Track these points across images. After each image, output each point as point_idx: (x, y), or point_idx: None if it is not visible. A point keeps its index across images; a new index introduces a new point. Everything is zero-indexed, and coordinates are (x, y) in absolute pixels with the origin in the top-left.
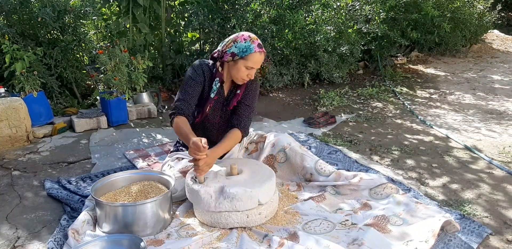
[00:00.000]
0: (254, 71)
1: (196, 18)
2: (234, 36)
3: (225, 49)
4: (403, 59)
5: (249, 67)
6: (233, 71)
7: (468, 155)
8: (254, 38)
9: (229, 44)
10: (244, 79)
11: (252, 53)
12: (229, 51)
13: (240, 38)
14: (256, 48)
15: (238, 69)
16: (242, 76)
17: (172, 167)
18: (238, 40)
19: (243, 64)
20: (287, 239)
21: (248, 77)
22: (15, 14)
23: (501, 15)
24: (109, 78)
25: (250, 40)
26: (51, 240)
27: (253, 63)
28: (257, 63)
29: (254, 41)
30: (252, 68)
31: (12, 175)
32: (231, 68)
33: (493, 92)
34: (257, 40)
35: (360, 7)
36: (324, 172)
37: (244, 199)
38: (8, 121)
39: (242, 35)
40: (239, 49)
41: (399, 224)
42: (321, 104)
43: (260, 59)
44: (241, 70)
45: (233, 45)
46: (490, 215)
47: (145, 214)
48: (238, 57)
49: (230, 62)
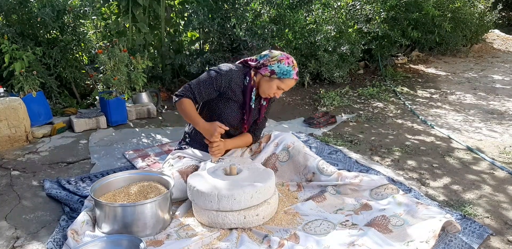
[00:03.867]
0: (281, 92)
1: (196, 17)
2: (279, 56)
3: (266, 64)
4: (403, 59)
5: (280, 88)
6: (265, 85)
7: (469, 155)
8: (295, 65)
9: (272, 61)
10: (269, 96)
11: (289, 78)
12: (270, 68)
13: (285, 60)
14: (295, 76)
15: (270, 86)
16: (270, 93)
17: (172, 165)
18: (282, 62)
19: (277, 84)
20: (287, 239)
21: (273, 95)
22: (14, 14)
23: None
24: (108, 78)
25: (293, 66)
26: (50, 240)
27: (285, 86)
28: (288, 87)
29: (295, 68)
30: (282, 90)
31: (11, 175)
32: (264, 82)
33: (494, 92)
34: (297, 68)
35: (360, 7)
36: (326, 171)
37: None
38: (7, 121)
39: (288, 58)
40: (280, 70)
41: (399, 224)
42: (322, 104)
43: (292, 85)
44: (272, 88)
45: (276, 64)
46: (491, 215)
47: (144, 215)
48: (276, 77)
49: (265, 77)
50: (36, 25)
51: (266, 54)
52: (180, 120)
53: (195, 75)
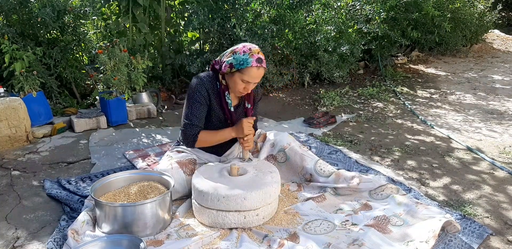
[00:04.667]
0: (252, 85)
1: (196, 17)
2: (235, 47)
3: (224, 60)
4: (403, 59)
5: (245, 81)
6: (230, 83)
7: (469, 155)
8: (255, 51)
9: (228, 55)
10: (241, 93)
11: (248, 67)
12: (228, 62)
13: (240, 50)
14: (254, 63)
15: (234, 81)
16: (239, 89)
17: (171, 157)
18: (237, 51)
19: (239, 77)
20: (287, 239)
21: (245, 91)
22: (15, 14)
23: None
24: (108, 78)
25: (250, 53)
26: (51, 240)
27: (249, 78)
28: (254, 78)
29: (254, 55)
30: (249, 83)
31: (12, 175)
32: (228, 80)
33: (493, 92)
34: (257, 54)
35: (360, 7)
36: (323, 173)
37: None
38: (7, 121)
39: (243, 47)
40: (237, 61)
41: (399, 224)
42: (322, 104)
43: (257, 74)
44: (237, 83)
45: (232, 56)
46: (490, 215)
47: (144, 214)
48: (235, 69)
49: (228, 74)
50: (36, 25)
51: (226, 51)
52: (180, 120)
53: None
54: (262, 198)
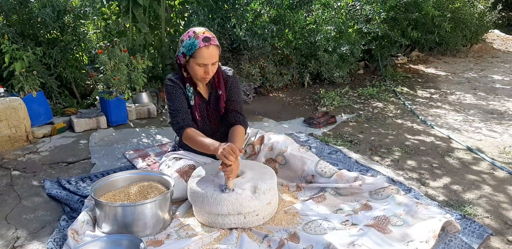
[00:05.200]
0: (210, 67)
1: (196, 17)
2: (181, 37)
3: (177, 53)
4: (403, 59)
5: (201, 64)
6: (191, 72)
7: (469, 155)
8: (199, 32)
9: (179, 46)
10: (205, 77)
11: (197, 49)
12: (179, 52)
13: (185, 36)
14: (201, 43)
15: (192, 68)
16: (200, 75)
17: (170, 166)
18: (184, 39)
19: (194, 62)
20: (287, 239)
21: (206, 74)
22: (15, 14)
23: (501, 15)
24: (108, 78)
25: (195, 36)
26: (51, 240)
27: (203, 60)
28: (208, 59)
29: (199, 36)
30: (206, 65)
31: (12, 175)
32: (189, 69)
33: (494, 92)
34: (203, 34)
35: (360, 7)
36: (325, 174)
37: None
38: (7, 121)
39: (187, 33)
40: (186, 48)
41: (399, 224)
42: (322, 104)
43: (208, 53)
44: (195, 69)
45: (181, 45)
46: (491, 215)
47: (144, 215)
48: (188, 56)
49: (186, 64)
50: (36, 25)
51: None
52: None
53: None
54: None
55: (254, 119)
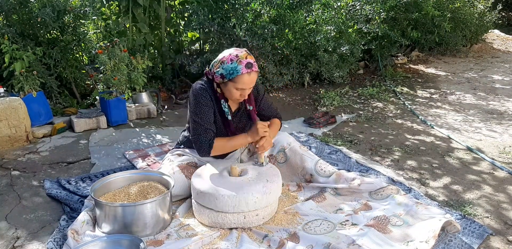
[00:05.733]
0: (247, 91)
1: (196, 17)
2: (221, 57)
3: (214, 70)
4: (403, 59)
5: (239, 89)
6: (226, 92)
7: (469, 155)
8: (242, 57)
9: (217, 65)
10: (239, 99)
11: (239, 75)
12: (218, 73)
13: (227, 58)
14: (244, 70)
15: (229, 90)
16: (235, 96)
17: (172, 161)
18: (225, 61)
19: (233, 86)
20: (287, 239)
21: (241, 97)
22: (15, 14)
23: (501, 15)
24: (108, 78)
25: (237, 61)
26: (51, 240)
27: (242, 85)
28: (247, 84)
29: (242, 61)
30: (244, 89)
31: (12, 175)
32: (224, 88)
33: (493, 92)
34: (245, 59)
35: (360, 7)
36: (324, 173)
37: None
38: (7, 121)
39: (230, 55)
40: (226, 71)
41: (399, 224)
42: (322, 104)
43: (249, 80)
44: (232, 92)
45: (220, 66)
46: (491, 215)
47: (144, 214)
48: (226, 79)
49: (222, 84)
50: (36, 25)
51: (214, 60)
52: (180, 120)
53: (195, 75)
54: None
55: None
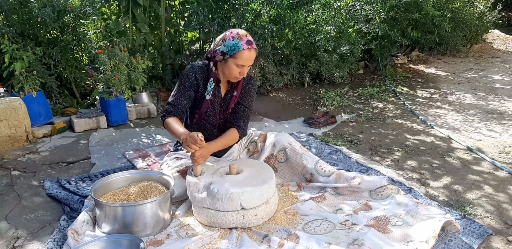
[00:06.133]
0: (246, 68)
1: (196, 17)
2: (223, 35)
3: (215, 48)
4: (403, 59)
5: (239, 65)
6: (225, 70)
7: (469, 155)
8: (243, 35)
9: (218, 43)
10: (237, 77)
11: (240, 50)
12: (219, 50)
13: (228, 36)
14: (245, 46)
15: (229, 67)
16: (235, 74)
17: (170, 165)
18: (226, 39)
19: (233, 62)
20: (287, 239)
21: (240, 75)
22: (15, 14)
23: (501, 15)
24: (108, 78)
25: (238, 38)
26: (51, 240)
27: (242, 61)
28: (247, 61)
29: (243, 38)
30: (243, 66)
31: (12, 175)
32: (223, 67)
33: (493, 92)
34: (246, 37)
35: (360, 7)
36: (324, 173)
37: (224, 200)
38: (7, 121)
39: (231, 33)
40: (228, 48)
41: (399, 224)
42: (322, 104)
43: (249, 56)
44: (232, 69)
45: (222, 43)
46: (491, 215)
47: (144, 214)
48: (228, 55)
49: (221, 62)
50: (36, 25)
51: (215, 40)
52: None
53: None
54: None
55: (254, 119)
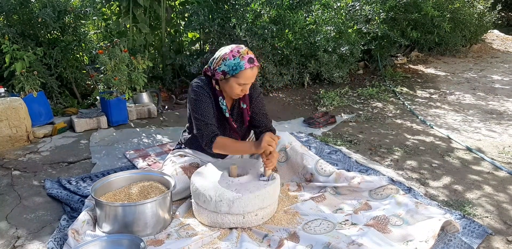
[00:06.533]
0: (248, 86)
1: (196, 18)
2: (223, 54)
3: (215, 67)
4: (403, 59)
5: (241, 84)
6: (226, 88)
7: (469, 155)
8: (243, 53)
9: (218, 62)
10: (239, 95)
11: (242, 70)
12: (219, 70)
13: (229, 55)
14: (247, 65)
15: (230, 86)
16: (236, 92)
17: (174, 162)
18: (226, 58)
19: (235, 81)
20: (287, 239)
21: (242, 93)
22: (15, 14)
23: (501, 15)
24: (109, 78)
25: (240, 56)
26: (51, 240)
27: (245, 80)
28: (250, 79)
29: (244, 56)
30: (246, 84)
31: (12, 175)
32: (224, 85)
33: (493, 92)
34: (247, 55)
35: (360, 7)
36: (324, 172)
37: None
38: (8, 121)
39: (231, 52)
40: (229, 67)
41: (399, 224)
42: (321, 104)
43: (252, 74)
44: (234, 87)
45: (222, 63)
46: (490, 215)
47: (145, 214)
48: (229, 75)
49: (222, 80)
50: (37, 25)
51: (214, 57)
52: (180, 120)
53: (195, 76)
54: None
55: None
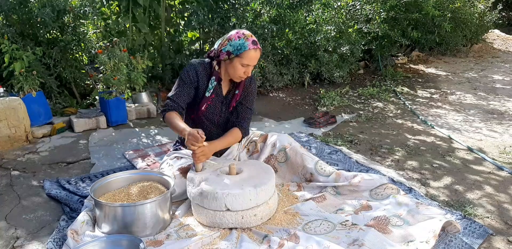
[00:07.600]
0: (250, 68)
1: (196, 17)
2: (229, 35)
3: (220, 48)
4: (403, 59)
5: (244, 65)
6: (230, 69)
7: (470, 155)
8: (248, 35)
9: (224, 43)
10: (242, 77)
11: (246, 50)
12: (224, 50)
13: (234, 36)
14: (251, 46)
15: (234, 67)
16: (239, 74)
17: (171, 165)
18: (232, 38)
19: (239, 62)
20: (287, 239)
21: (245, 75)
22: (15, 14)
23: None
24: (108, 78)
25: (244, 38)
26: (50, 240)
27: (248, 61)
28: (253, 60)
29: (249, 38)
30: (248, 65)
31: (11, 175)
32: (228, 66)
33: (494, 92)
34: (251, 37)
35: (360, 7)
36: (324, 172)
37: (209, 198)
38: (7, 121)
39: (237, 33)
40: (234, 47)
41: (399, 224)
42: (322, 104)
43: (255, 56)
44: (237, 68)
45: (228, 43)
46: (491, 215)
47: (144, 215)
48: (234, 55)
49: (226, 61)
50: (36, 25)
51: (220, 40)
52: None
53: None
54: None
55: (254, 119)
